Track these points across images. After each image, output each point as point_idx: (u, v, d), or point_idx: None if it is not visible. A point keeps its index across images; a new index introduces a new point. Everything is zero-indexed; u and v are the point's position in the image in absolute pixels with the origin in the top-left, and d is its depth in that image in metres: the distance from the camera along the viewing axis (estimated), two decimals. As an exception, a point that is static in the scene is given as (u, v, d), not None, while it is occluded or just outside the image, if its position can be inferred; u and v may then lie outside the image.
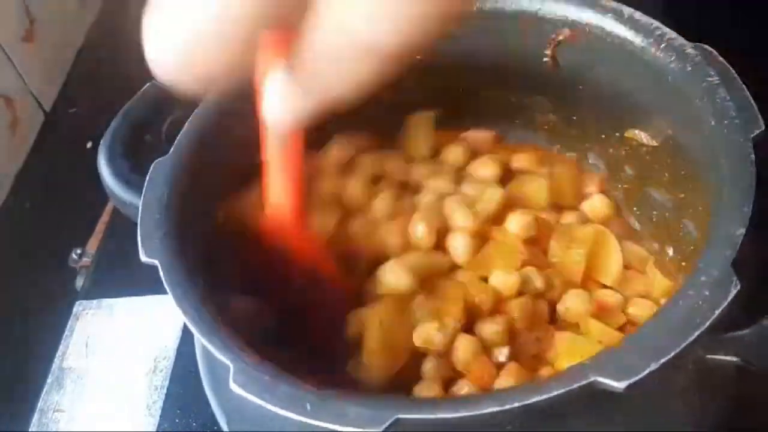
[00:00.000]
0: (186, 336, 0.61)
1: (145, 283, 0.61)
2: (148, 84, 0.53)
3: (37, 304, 0.68)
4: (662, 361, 0.33)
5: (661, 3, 0.53)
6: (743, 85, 0.42)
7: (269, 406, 0.34)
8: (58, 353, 0.62)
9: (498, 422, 0.34)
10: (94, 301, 0.65)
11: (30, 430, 0.59)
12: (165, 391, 0.58)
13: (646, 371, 0.32)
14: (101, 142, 0.51)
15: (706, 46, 0.44)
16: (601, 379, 0.33)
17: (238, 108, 0.49)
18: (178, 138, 0.48)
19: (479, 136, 0.58)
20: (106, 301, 0.65)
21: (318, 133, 0.50)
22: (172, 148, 0.47)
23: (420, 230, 0.49)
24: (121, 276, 0.66)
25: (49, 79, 0.86)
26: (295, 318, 0.48)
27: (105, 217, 0.72)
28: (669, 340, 0.33)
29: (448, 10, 0.25)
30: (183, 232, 0.44)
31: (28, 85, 0.82)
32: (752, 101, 0.41)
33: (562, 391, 0.33)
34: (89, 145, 0.79)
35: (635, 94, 0.49)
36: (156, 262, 0.41)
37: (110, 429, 0.57)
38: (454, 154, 0.56)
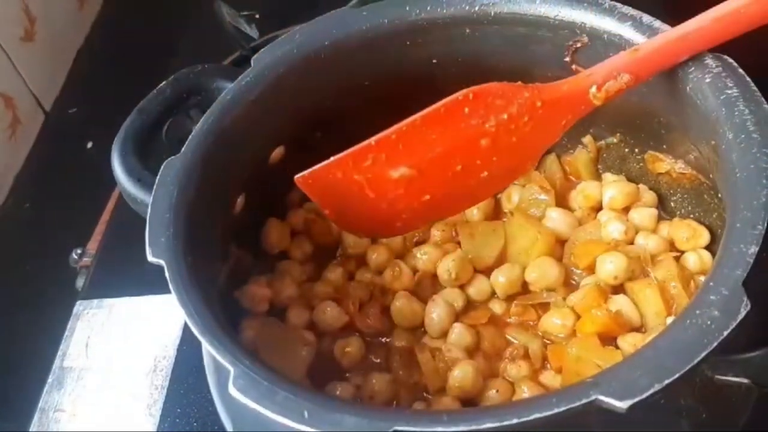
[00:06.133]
0: (186, 336, 0.61)
1: (145, 283, 0.62)
2: (163, 83, 0.53)
3: (37, 304, 0.68)
4: (666, 382, 0.32)
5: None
6: (763, 99, 0.40)
7: (267, 413, 0.34)
8: (58, 353, 0.62)
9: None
10: (94, 301, 0.65)
11: (30, 429, 0.59)
12: (165, 391, 0.58)
13: (650, 391, 0.32)
14: (115, 138, 0.50)
15: (726, 57, 0.43)
16: (603, 398, 0.32)
17: (251, 110, 0.49)
18: (189, 138, 0.48)
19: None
20: (106, 301, 0.65)
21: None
22: (183, 148, 0.47)
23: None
24: (121, 276, 0.66)
25: (49, 79, 0.86)
26: None
27: (105, 217, 0.72)
28: (675, 361, 0.33)
29: None
30: (191, 232, 0.44)
31: (28, 85, 0.82)
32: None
33: (563, 408, 0.32)
34: (89, 145, 0.79)
35: (652, 104, 0.48)
36: (162, 262, 0.41)
37: (110, 429, 0.57)
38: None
